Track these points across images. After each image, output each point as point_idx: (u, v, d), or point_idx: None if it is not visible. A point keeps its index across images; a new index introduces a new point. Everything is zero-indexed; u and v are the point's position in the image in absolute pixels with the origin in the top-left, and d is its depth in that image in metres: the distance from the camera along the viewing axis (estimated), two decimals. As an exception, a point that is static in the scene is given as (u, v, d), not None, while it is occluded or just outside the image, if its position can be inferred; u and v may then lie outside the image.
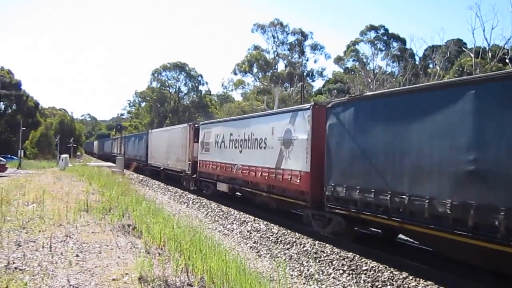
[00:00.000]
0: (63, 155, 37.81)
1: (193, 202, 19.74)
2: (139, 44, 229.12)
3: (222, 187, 18.18)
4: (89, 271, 6.14)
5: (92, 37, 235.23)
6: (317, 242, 10.90)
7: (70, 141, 62.56)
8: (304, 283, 8.59)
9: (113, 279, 5.82)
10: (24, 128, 55.52)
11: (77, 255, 6.92)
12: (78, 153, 73.86)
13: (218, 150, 18.80)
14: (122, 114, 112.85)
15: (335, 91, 58.16)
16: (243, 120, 17.72)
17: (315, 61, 78.69)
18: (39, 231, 8.53)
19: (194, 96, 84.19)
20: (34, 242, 7.61)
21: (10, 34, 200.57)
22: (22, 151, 51.04)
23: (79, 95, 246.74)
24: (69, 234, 8.41)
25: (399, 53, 55.17)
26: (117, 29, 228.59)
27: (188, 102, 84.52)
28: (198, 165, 21.09)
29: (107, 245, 7.77)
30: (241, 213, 15.59)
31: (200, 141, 21.06)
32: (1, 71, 65.96)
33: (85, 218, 10.35)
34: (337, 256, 9.76)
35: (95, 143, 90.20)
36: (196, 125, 22.65)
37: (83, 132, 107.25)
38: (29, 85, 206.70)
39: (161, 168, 28.35)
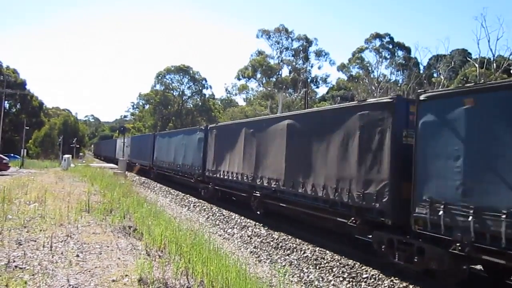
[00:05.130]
0: (66, 155, 37.87)
1: (194, 205, 19.73)
2: (144, 46, 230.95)
3: None
4: (89, 271, 6.13)
5: (98, 39, 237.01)
6: (317, 248, 10.87)
7: (73, 141, 62.76)
8: (303, 290, 8.57)
9: (113, 280, 5.81)
10: (28, 128, 55.83)
11: (78, 255, 6.91)
12: (81, 154, 73.99)
13: None
14: (125, 116, 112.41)
15: (339, 98, 58.13)
16: None
17: (319, 68, 78.44)
18: (40, 230, 8.52)
19: (198, 99, 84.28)
20: (35, 241, 7.60)
21: (16, 34, 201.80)
22: (25, 150, 51.19)
23: (83, 96, 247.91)
24: (70, 234, 8.40)
25: (403, 61, 55.17)
26: (122, 31, 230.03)
27: (191, 106, 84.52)
28: None
29: (108, 246, 7.76)
30: (242, 217, 15.56)
31: None
32: (6, 70, 66.20)
33: (86, 218, 10.34)
34: (338, 263, 9.73)
35: (119, 142, 52.69)
36: None
37: (86, 133, 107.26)
38: (34, 85, 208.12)
39: None
